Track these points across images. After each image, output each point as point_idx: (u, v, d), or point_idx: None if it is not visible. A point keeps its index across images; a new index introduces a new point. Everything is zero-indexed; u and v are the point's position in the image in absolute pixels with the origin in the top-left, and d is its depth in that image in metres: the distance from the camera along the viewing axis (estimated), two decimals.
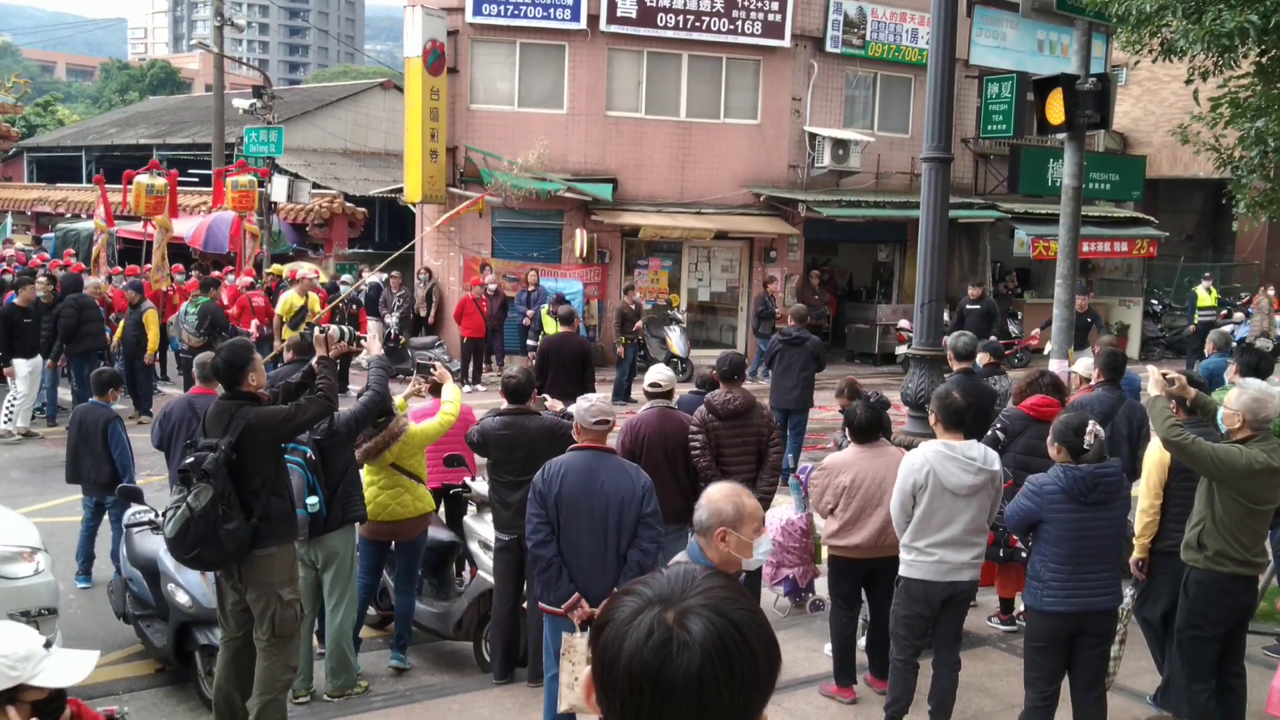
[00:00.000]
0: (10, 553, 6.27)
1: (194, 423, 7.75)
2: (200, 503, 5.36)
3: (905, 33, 22.89)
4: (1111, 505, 5.47)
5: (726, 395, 7.29)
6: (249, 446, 5.55)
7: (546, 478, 5.66)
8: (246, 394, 5.72)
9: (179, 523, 5.40)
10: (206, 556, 5.56)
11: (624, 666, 1.45)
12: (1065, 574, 5.46)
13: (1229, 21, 8.82)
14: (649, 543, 5.57)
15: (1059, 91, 10.63)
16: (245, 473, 5.55)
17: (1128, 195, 23.66)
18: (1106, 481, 5.43)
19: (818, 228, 22.20)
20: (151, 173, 18.68)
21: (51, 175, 36.73)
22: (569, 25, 20.40)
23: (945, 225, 8.62)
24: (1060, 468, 5.50)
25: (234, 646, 5.91)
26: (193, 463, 5.49)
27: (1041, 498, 5.47)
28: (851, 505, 6.56)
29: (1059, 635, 5.56)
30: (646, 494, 5.60)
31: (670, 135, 21.44)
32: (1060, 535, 5.45)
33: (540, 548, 5.61)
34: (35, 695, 2.63)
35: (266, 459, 5.66)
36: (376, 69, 64.80)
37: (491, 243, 20.84)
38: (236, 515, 5.45)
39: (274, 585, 5.70)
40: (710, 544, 4.03)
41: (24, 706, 2.60)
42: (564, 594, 5.56)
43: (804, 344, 11.67)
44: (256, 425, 5.57)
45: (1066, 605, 5.46)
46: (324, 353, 6.20)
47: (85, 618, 8.04)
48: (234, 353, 5.80)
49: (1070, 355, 10.94)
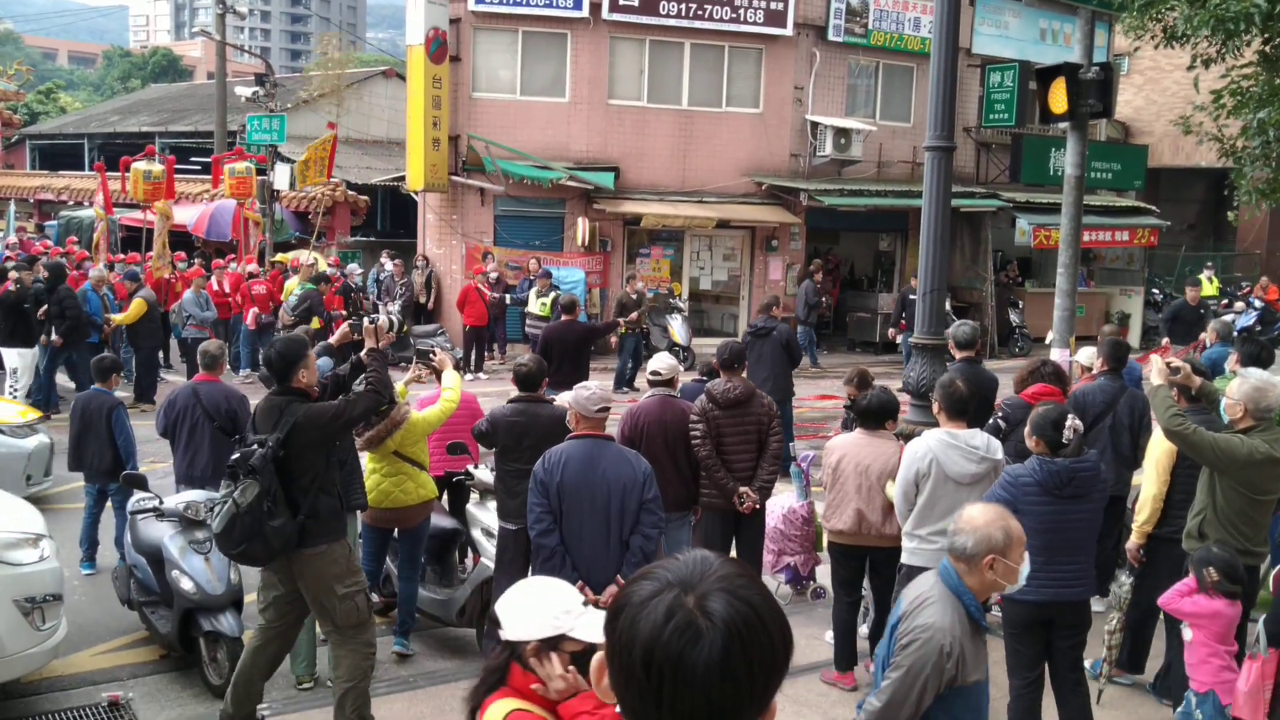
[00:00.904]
0: (15, 539, 6.28)
1: (198, 410, 7.79)
2: (246, 499, 5.35)
3: (908, 21, 22.85)
4: (1087, 498, 5.43)
5: (726, 384, 7.30)
6: (298, 444, 5.51)
7: (547, 467, 5.65)
8: (296, 390, 5.68)
9: (225, 518, 5.41)
10: (253, 552, 5.55)
11: (643, 651, 1.44)
12: (1038, 565, 5.41)
13: (1234, 5, 8.80)
14: (651, 529, 5.58)
15: (1061, 81, 10.63)
16: (293, 470, 5.52)
17: (1129, 184, 23.54)
18: (1082, 476, 5.38)
19: (819, 217, 22.19)
20: (149, 159, 18.68)
21: (54, 163, 36.68)
22: (571, 13, 20.37)
23: (948, 214, 8.61)
24: (1036, 460, 5.46)
25: (268, 634, 5.92)
26: (240, 458, 5.48)
27: (1017, 489, 5.44)
28: (834, 487, 6.68)
29: (1031, 623, 5.55)
30: (647, 480, 5.62)
31: (672, 124, 21.42)
32: (1034, 527, 5.38)
33: (543, 537, 5.61)
34: (572, 647, 2.81)
35: (315, 456, 5.62)
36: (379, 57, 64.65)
37: (494, 231, 20.85)
38: (282, 512, 5.43)
39: (328, 582, 5.67)
40: (973, 570, 3.88)
41: (564, 655, 2.79)
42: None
43: (770, 334, 11.66)
44: (306, 422, 5.52)
45: (1037, 595, 5.39)
46: (373, 344, 6.08)
47: (90, 604, 8.07)
48: (287, 347, 5.75)
49: (1072, 344, 10.95)
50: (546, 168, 20.13)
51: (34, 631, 6.15)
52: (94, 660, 7.17)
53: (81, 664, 7.06)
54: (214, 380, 8.05)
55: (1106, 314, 24.49)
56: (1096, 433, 7.87)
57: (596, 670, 1.57)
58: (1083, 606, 5.60)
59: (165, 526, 6.97)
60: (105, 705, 6.40)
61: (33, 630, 6.15)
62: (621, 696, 1.49)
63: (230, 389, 8.10)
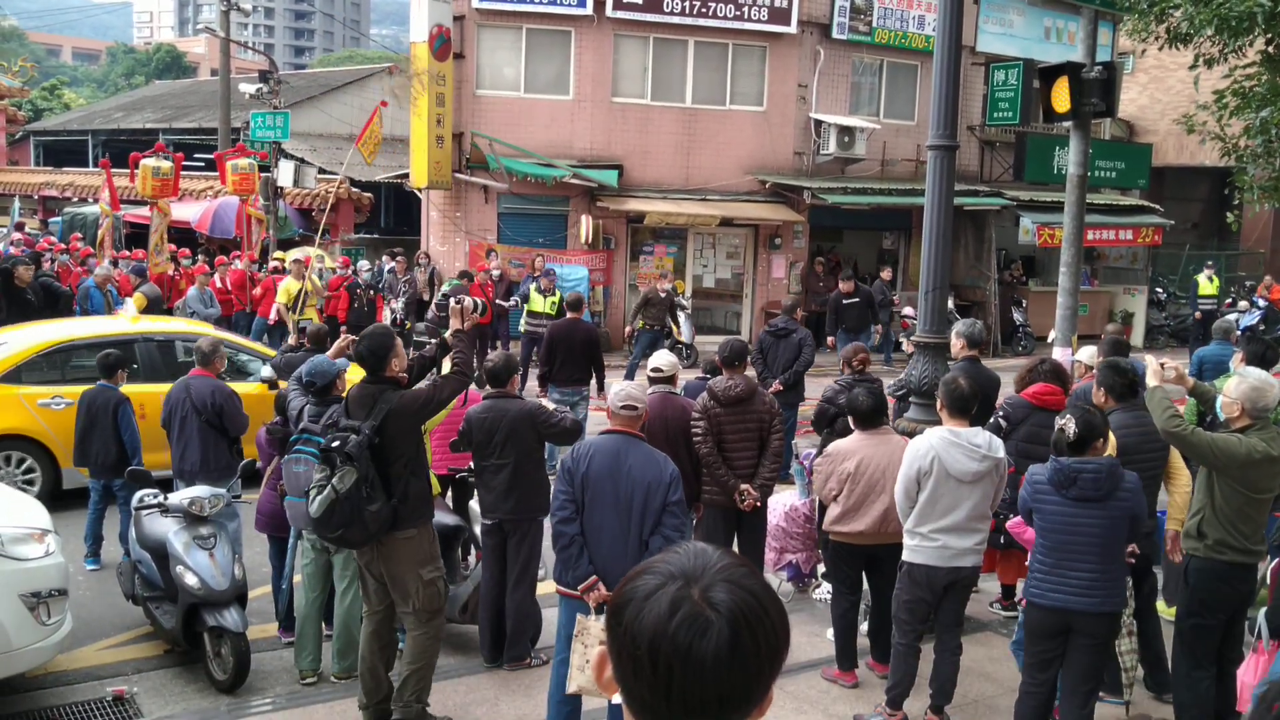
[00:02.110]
0: (20, 534, 6.32)
1: (187, 404, 7.91)
2: (345, 485, 5.50)
3: (912, 19, 22.84)
4: (1102, 504, 5.32)
5: (728, 382, 7.31)
6: (392, 430, 5.69)
7: (575, 456, 5.71)
8: (389, 379, 5.83)
9: (325, 504, 5.54)
10: (351, 537, 5.71)
11: (650, 644, 1.44)
12: (1048, 567, 5.42)
13: (1237, 4, 8.81)
14: (673, 531, 5.54)
15: (1064, 80, 10.64)
16: (387, 455, 5.69)
17: (1133, 183, 23.62)
18: (1085, 477, 5.31)
19: (823, 215, 22.21)
20: (158, 155, 18.72)
21: (58, 159, 36.74)
22: (575, 11, 20.39)
23: (950, 213, 8.60)
24: (1053, 459, 5.51)
25: (375, 620, 6.09)
26: (337, 445, 5.61)
27: (1033, 487, 5.49)
28: (855, 492, 6.59)
29: (1046, 627, 5.52)
30: (674, 482, 5.58)
31: (676, 122, 21.43)
32: (1045, 526, 5.44)
33: (563, 524, 5.63)
34: None
35: (408, 441, 5.81)
36: (382, 54, 64.65)
37: (497, 228, 20.87)
38: (379, 497, 5.61)
39: (415, 565, 5.86)
40: None
41: None
42: (582, 575, 5.58)
43: (790, 336, 11.62)
44: (400, 409, 5.71)
45: (1047, 600, 5.41)
46: (459, 325, 6.16)
47: (94, 599, 8.11)
48: (377, 340, 5.88)
49: (1073, 343, 10.97)
50: (550, 165, 20.15)
51: (39, 626, 6.19)
52: (99, 655, 7.21)
53: (86, 659, 7.10)
54: (208, 375, 8.14)
55: (1110, 313, 24.48)
56: None
57: (598, 664, 1.58)
58: (1099, 618, 5.46)
59: (170, 522, 7.00)
60: (110, 700, 6.45)
61: (38, 625, 6.18)
62: (629, 689, 1.49)
63: (218, 384, 8.16)
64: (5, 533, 6.21)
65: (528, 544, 6.97)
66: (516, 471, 6.86)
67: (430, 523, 6.05)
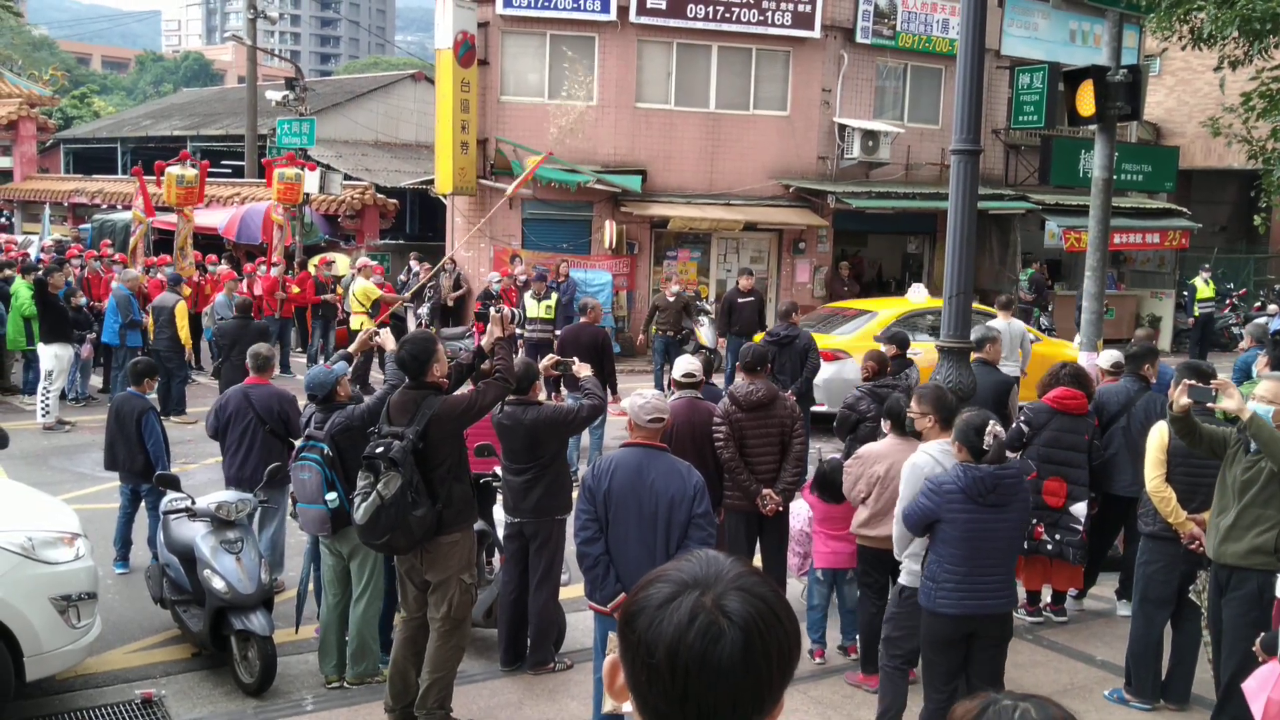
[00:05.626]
0: (51, 538, 6.39)
1: (249, 413, 7.91)
2: (390, 490, 5.57)
3: (936, 23, 22.79)
4: (1009, 508, 5.34)
5: (749, 386, 7.32)
6: (435, 435, 5.76)
7: (596, 473, 5.64)
8: (430, 384, 5.91)
9: (370, 510, 5.60)
10: (396, 542, 5.78)
11: (666, 652, 1.45)
12: (960, 575, 5.34)
13: (1260, 4, 8.75)
14: (699, 544, 5.39)
15: (1089, 83, 10.59)
16: (430, 460, 5.76)
17: (1160, 186, 23.32)
18: (1006, 483, 5.31)
19: (847, 219, 22.17)
20: (183, 163, 18.88)
21: (88, 166, 37.08)
22: (599, 16, 20.44)
23: (974, 217, 8.56)
24: (960, 467, 5.37)
25: (412, 627, 6.16)
26: (381, 451, 5.66)
27: (940, 496, 5.34)
28: (884, 496, 6.51)
29: (953, 637, 5.46)
30: (699, 494, 5.48)
31: (699, 127, 21.45)
32: (957, 536, 5.32)
33: (588, 545, 5.56)
34: None
35: (451, 446, 5.89)
36: (407, 60, 64.98)
37: (522, 234, 20.94)
38: (424, 502, 5.67)
39: (457, 570, 5.93)
40: None
41: None
42: (610, 594, 5.52)
43: (793, 343, 11.58)
44: (443, 414, 5.78)
45: (959, 608, 5.36)
46: (499, 332, 6.26)
47: (123, 603, 8.19)
48: (419, 346, 5.97)
49: (1099, 348, 10.90)
50: (574, 171, 20.20)
51: (69, 629, 6.26)
52: (127, 658, 7.28)
53: (115, 661, 7.17)
54: (264, 383, 8.16)
55: (1137, 317, 24.31)
56: (1111, 433, 7.86)
57: (610, 671, 1.60)
58: (1005, 619, 5.56)
59: (198, 526, 7.06)
60: (138, 702, 6.51)
61: (68, 628, 6.25)
62: (643, 696, 1.51)
63: (282, 391, 8.22)
64: (36, 536, 6.28)
65: (549, 548, 6.96)
66: (537, 474, 6.87)
67: (472, 527, 6.12)
